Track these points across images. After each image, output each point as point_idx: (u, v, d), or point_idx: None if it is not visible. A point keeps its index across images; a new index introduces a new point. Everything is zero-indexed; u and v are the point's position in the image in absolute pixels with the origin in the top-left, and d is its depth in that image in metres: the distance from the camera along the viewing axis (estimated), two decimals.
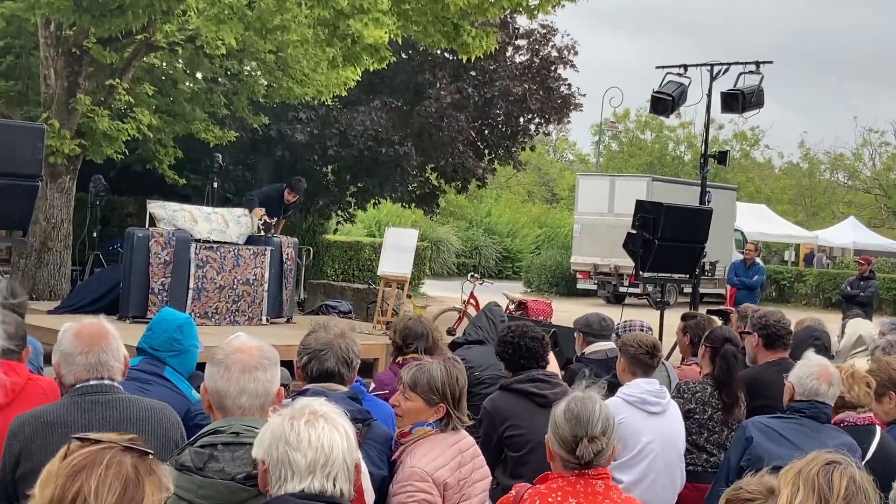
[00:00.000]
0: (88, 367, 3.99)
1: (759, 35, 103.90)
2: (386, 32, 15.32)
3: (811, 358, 5.44)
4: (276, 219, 15.00)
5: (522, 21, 24.24)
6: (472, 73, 23.30)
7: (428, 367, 4.74)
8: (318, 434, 2.75)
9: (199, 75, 18.71)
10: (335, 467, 2.74)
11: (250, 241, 13.64)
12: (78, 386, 3.98)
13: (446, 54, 22.12)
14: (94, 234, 17.48)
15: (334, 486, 2.76)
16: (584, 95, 25.60)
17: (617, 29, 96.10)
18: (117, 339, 4.15)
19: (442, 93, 22.37)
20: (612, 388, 6.04)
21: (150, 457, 2.42)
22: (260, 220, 14.16)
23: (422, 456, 4.56)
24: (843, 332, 8.21)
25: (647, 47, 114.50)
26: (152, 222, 13.33)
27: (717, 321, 8.93)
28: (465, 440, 4.82)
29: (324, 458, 2.73)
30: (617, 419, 4.87)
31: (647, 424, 5.93)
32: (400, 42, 16.77)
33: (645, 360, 6.23)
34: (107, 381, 4.01)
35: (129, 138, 16.23)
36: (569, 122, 27.46)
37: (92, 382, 3.99)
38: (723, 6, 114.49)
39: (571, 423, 3.96)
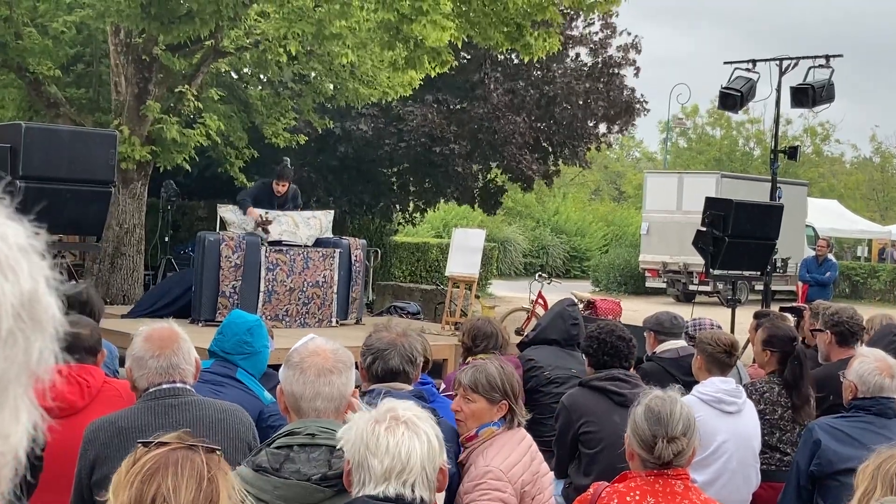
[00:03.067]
0: (160, 371, 4.04)
1: (824, 28, 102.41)
2: (449, 35, 15.34)
3: (867, 353, 5.38)
4: (271, 213, 13.71)
5: (581, 23, 24.15)
6: (533, 74, 23.21)
7: (483, 367, 4.77)
8: (397, 441, 2.75)
9: (267, 77, 18.90)
10: (412, 475, 2.74)
11: (319, 243, 13.71)
12: (151, 390, 4.03)
13: (512, 55, 22.10)
14: (166, 239, 17.73)
15: (412, 492, 2.76)
16: (647, 103, 25.36)
17: (664, 22, 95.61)
18: (188, 342, 4.19)
19: (494, 94, 22.34)
20: (688, 389, 6.01)
21: (219, 453, 2.45)
22: (257, 219, 13.33)
23: (494, 455, 4.58)
24: None
25: (701, 41, 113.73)
26: (223, 226, 13.46)
27: (790, 319, 8.83)
28: (528, 437, 4.85)
29: (400, 465, 2.73)
30: (696, 414, 4.86)
31: (722, 423, 5.87)
32: (460, 45, 16.74)
33: (722, 358, 6.17)
34: (179, 385, 4.05)
35: (197, 145, 16.42)
36: (634, 125, 27.23)
37: (164, 386, 4.03)
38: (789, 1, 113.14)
39: (651, 422, 3.93)
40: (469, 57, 22.57)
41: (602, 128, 25.36)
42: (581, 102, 23.78)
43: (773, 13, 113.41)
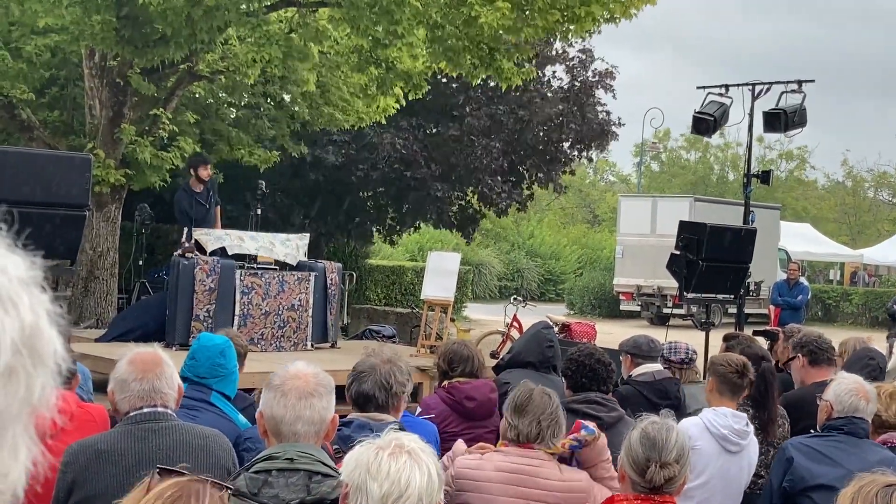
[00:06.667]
0: (142, 394, 4.03)
1: (792, 55, 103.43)
2: (421, 64, 15.40)
3: (845, 376, 5.46)
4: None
5: (559, 44, 24.26)
6: (509, 97, 23.29)
7: None
8: (398, 468, 2.75)
9: (242, 102, 18.89)
10: (408, 503, 2.75)
11: (296, 266, 13.66)
12: (132, 414, 4.02)
13: (490, 82, 22.18)
14: (140, 263, 17.62)
15: None
16: (623, 125, 25.55)
17: (635, 46, 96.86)
18: (171, 366, 4.19)
19: (468, 119, 22.39)
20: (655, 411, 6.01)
21: (230, 491, 2.45)
22: (181, 250, 13.22)
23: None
24: (890, 351, 8.13)
25: (671, 66, 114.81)
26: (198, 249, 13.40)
27: (762, 341, 8.86)
28: (512, 458, 4.96)
29: (398, 492, 2.73)
30: (692, 443, 4.86)
31: (718, 459, 5.79)
32: (429, 74, 16.75)
33: (734, 378, 6.05)
34: (160, 409, 4.05)
35: (172, 167, 16.39)
36: (609, 150, 27.45)
37: (145, 410, 4.02)
38: (759, 28, 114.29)
39: (646, 446, 3.97)
40: (446, 81, 22.62)
41: (576, 151, 25.46)
42: (554, 124, 23.86)
43: (741, 41, 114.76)
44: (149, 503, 2.42)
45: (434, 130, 23.22)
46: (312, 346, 13.47)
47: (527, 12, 13.99)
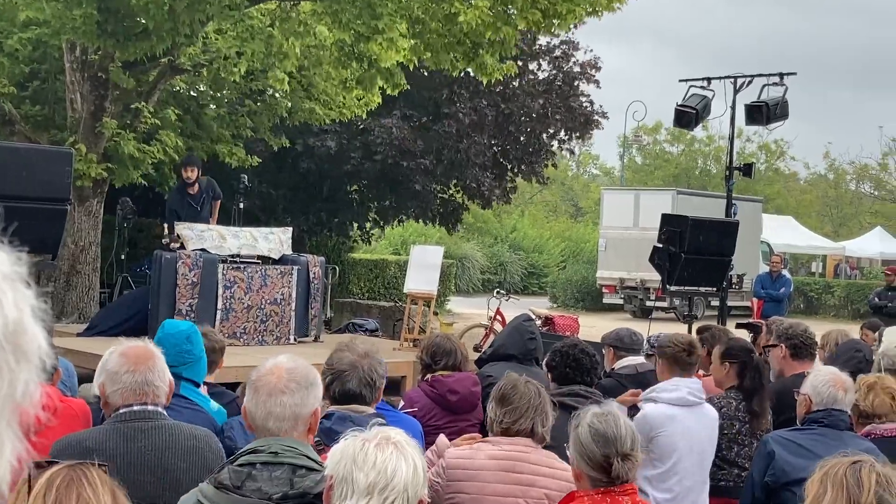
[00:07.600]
0: (135, 387, 3.99)
1: (770, 48, 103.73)
2: (402, 57, 15.38)
3: (822, 369, 5.51)
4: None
5: (543, 38, 24.27)
6: (493, 90, 23.29)
7: None
8: (385, 458, 2.76)
9: (222, 95, 18.83)
10: (394, 493, 2.74)
11: (279, 260, 13.64)
12: (122, 411, 3.98)
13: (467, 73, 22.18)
14: (122, 257, 17.57)
15: None
16: (607, 115, 25.60)
17: (614, 39, 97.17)
18: (162, 360, 4.16)
19: (460, 115, 22.38)
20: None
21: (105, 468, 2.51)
22: (166, 239, 13.69)
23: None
24: (879, 341, 8.13)
25: (651, 59, 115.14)
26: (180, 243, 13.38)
27: (744, 334, 8.89)
28: (500, 452, 5.01)
29: (384, 481, 2.73)
30: (659, 431, 4.86)
31: (680, 420, 5.92)
32: (411, 68, 16.71)
33: (683, 357, 6.18)
34: (150, 408, 4.00)
35: (155, 161, 16.32)
36: (590, 138, 27.50)
37: (136, 408, 3.98)
38: (741, 20, 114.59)
39: (599, 442, 3.89)
40: (427, 74, 22.59)
41: (555, 142, 25.50)
42: (536, 115, 23.86)
43: (721, 34, 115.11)
44: (40, 494, 2.43)
45: (424, 120, 23.19)
46: (295, 339, 13.45)
47: (509, 12, 14.01)
